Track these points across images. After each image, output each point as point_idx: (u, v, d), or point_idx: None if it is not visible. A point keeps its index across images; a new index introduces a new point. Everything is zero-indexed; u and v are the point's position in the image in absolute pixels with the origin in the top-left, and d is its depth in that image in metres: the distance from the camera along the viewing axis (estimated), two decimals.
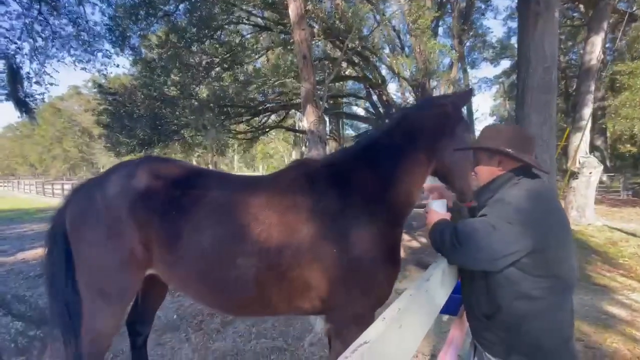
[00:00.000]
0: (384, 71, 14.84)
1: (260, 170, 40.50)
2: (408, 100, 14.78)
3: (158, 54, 11.15)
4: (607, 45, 17.41)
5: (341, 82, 19.01)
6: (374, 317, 1.41)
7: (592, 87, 8.44)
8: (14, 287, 4.42)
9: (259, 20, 12.42)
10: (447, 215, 1.37)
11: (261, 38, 14.03)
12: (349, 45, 10.50)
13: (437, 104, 1.59)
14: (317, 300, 1.43)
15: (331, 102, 19.15)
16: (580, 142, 8.08)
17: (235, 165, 45.00)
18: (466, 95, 1.68)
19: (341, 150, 1.90)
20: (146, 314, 2.00)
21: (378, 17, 12.56)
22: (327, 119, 23.06)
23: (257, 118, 17.08)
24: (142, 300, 1.96)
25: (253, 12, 11.21)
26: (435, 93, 14.35)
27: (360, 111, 19.95)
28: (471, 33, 15.95)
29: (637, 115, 10.65)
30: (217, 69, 12.37)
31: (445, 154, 1.52)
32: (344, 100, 20.18)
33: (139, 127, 11.36)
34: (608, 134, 18.10)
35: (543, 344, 1.11)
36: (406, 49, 14.20)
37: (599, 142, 19.67)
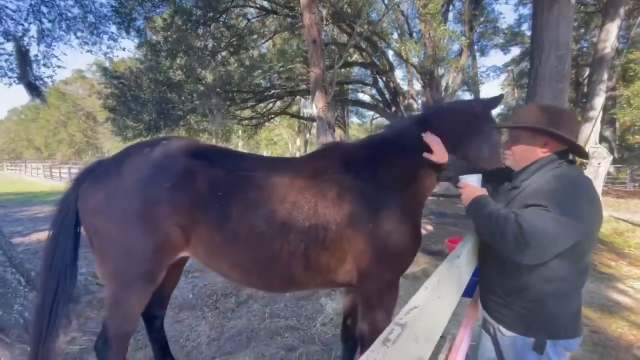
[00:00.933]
0: (391, 57, 14.62)
1: None
2: (415, 88, 14.58)
3: (164, 36, 11.03)
4: (621, 33, 16.96)
5: (347, 69, 18.76)
6: (399, 283, 1.66)
7: (605, 77, 8.28)
8: (36, 266, 4.56)
9: (265, 4, 12.19)
10: (484, 190, 1.31)
11: (267, 22, 13.81)
12: (358, 30, 10.33)
13: (467, 105, 1.77)
14: (355, 271, 1.54)
15: (337, 88, 18.96)
16: (591, 132, 7.99)
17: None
18: (497, 99, 1.77)
19: (372, 136, 1.97)
20: (163, 297, 2.01)
21: (387, 1, 12.28)
22: (333, 105, 22.91)
23: (262, 104, 16.97)
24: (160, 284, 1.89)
25: None
26: (444, 80, 14.15)
27: (366, 98, 19.71)
28: (482, 19, 15.54)
29: None
30: (223, 53, 12.23)
31: (470, 149, 1.65)
32: (350, 87, 19.94)
33: (145, 111, 11.37)
34: (617, 125, 17.85)
35: (564, 319, 1.17)
36: (415, 34, 13.94)
37: (607, 133, 19.43)
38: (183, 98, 11.73)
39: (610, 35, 8.12)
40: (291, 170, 1.63)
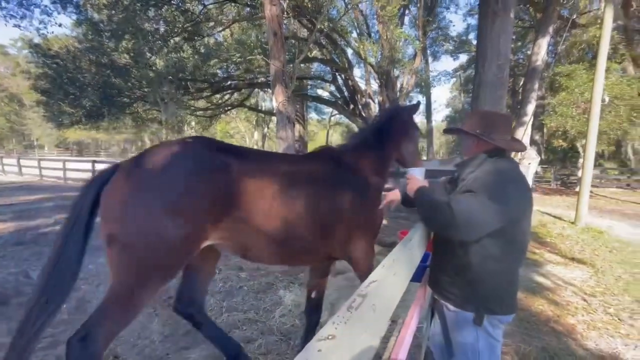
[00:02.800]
0: (350, 56, 14.91)
1: None
2: (372, 87, 15.07)
3: (107, 15, 10.07)
4: (550, 48, 19.14)
5: (307, 64, 18.75)
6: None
7: (536, 86, 9.32)
8: None
9: None
10: (427, 182, 1.53)
11: (225, 9, 13.27)
12: (318, 27, 10.37)
13: (401, 114, 2.32)
14: (349, 243, 1.98)
15: (297, 83, 18.87)
16: (523, 135, 8.94)
17: None
18: (415, 107, 2.38)
19: (347, 142, 2.39)
20: (199, 293, 2.12)
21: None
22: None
23: (218, 95, 16.33)
24: (195, 279, 2.06)
25: None
26: (399, 82, 14.80)
27: (326, 94, 19.89)
28: (434, 25, 16.50)
29: (570, 113, 11.96)
30: (177, 38, 11.52)
31: (402, 146, 2.24)
32: (310, 82, 19.97)
33: (85, 96, 10.32)
34: (545, 130, 20.18)
35: (501, 296, 1.34)
36: (373, 35, 14.36)
37: (537, 137, 21.85)
38: (130, 84, 10.84)
39: (541, 50, 9.12)
40: (309, 167, 1.99)
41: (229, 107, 18.34)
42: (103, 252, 1.54)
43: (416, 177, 1.53)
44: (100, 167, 11.88)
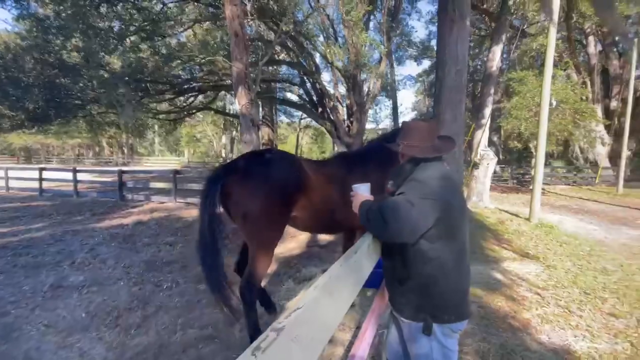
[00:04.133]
0: (318, 59, 14.95)
1: (186, 155, 37.47)
2: (340, 91, 15.17)
3: (55, 11, 9.32)
4: (504, 55, 20.42)
5: (275, 67, 18.56)
6: None
7: (492, 91, 9.84)
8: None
9: None
10: (371, 197, 1.53)
11: (187, 9, 12.80)
12: (283, 29, 10.28)
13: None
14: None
15: (264, 86, 18.60)
16: (481, 137, 9.39)
17: (156, 148, 40.78)
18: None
19: (357, 150, 3.19)
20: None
21: (313, 3, 12.51)
22: (260, 103, 22.37)
23: (182, 97, 15.69)
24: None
25: None
26: (365, 86, 15.05)
27: (294, 97, 19.76)
28: (398, 31, 17.02)
29: (523, 116, 12.76)
30: (133, 38, 10.92)
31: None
32: (278, 85, 19.76)
33: (28, 97, 9.45)
34: (502, 132, 21.48)
35: (447, 302, 1.31)
36: (340, 39, 14.52)
37: (495, 138, 23.17)
38: (81, 85, 10.10)
39: (495, 56, 9.63)
40: (342, 170, 2.81)
41: (194, 110, 17.69)
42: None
43: (360, 193, 1.55)
44: (50, 174, 10.90)
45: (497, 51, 9.54)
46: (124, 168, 16.04)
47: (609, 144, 15.74)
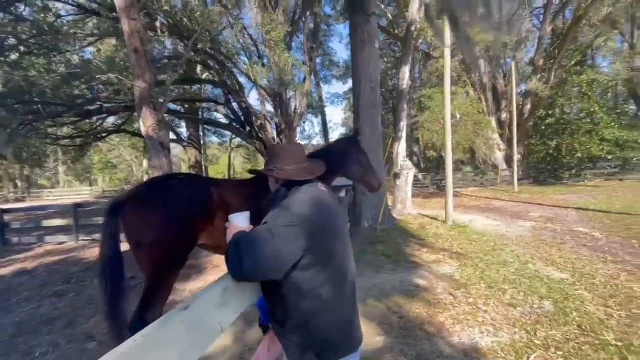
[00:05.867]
0: (242, 78, 14.73)
1: (100, 184, 33.17)
2: (267, 109, 15.10)
3: None
4: (416, 75, 22.80)
5: (200, 86, 17.75)
6: None
7: (405, 106, 10.74)
8: None
9: (84, 1, 10.18)
10: (249, 228, 1.29)
11: (90, 24, 11.57)
12: (199, 46, 9.87)
13: (344, 143, 3.08)
14: None
15: (186, 106, 17.60)
16: (399, 149, 10.08)
17: (61, 179, 35.28)
18: (356, 135, 3.19)
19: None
20: None
21: (232, 20, 12.35)
22: (183, 123, 21.04)
23: (87, 120, 13.94)
24: None
25: None
26: (292, 103, 15.24)
27: (221, 117, 19.06)
28: (319, 51, 17.79)
29: (435, 128, 14.19)
30: (17, 53, 9.40)
31: (346, 166, 2.94)
32: (204, 105, 18.86)
33: None
34: (421, 143, 23.67)
35: (330, 337, 1.17)
36: (265, 58, 14.54)
37: (415, 149, 25.40)
38: None
39: (405, 75, 10.54)
40: (263, 187, 2.46)
41: (104, 134, 15.81)
42: None
43: (234, 224, 1.29)
44: None
45: (405, 71, 10.49)
46: (7, 206, 13.44)
47: (504, 149, 18.40)
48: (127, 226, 2.25)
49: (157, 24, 8.77)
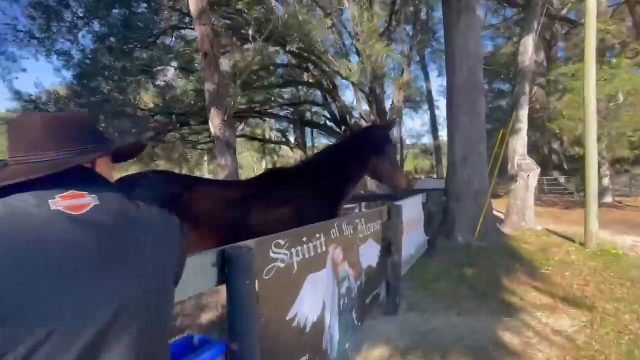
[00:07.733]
0: (336, 78, 14.53)
1: None
2: (362, 107, 14.46)
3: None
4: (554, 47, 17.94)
5: (304, 88, 18.52)
6: None
7: (527, 89, 8.29)
8: None
9: None
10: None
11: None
12: (294, 48, 10.00)
13: (369, 133, 2.87)
14: None
15: (291, 109, 18.65)
16: (516, 144, 7.86)
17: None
18: (388, 125, 3.07)
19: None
20: None
21: (335, 20, 12.27)
22: (291, 126, 22.48)
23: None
24: None
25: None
26: (389, 99, 14.12)
27: (321, 119, 19.46)
28: (427, 43, 15.98)
29: (580, 116, 10.65)
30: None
31: (375, 162, 2.67)
32: (308, 107, 19.65)
33: None
34: (565, 139, 18.46)
35: None
36: (356, 53, 13.94)
37: (555, 145, 20.10)
38: None
39: (527, 49, 8.19)
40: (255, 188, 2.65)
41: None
42: None
43: None
44: None
45: (529, 42, 8.07)
46: None
47: None
48: None
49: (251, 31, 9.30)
